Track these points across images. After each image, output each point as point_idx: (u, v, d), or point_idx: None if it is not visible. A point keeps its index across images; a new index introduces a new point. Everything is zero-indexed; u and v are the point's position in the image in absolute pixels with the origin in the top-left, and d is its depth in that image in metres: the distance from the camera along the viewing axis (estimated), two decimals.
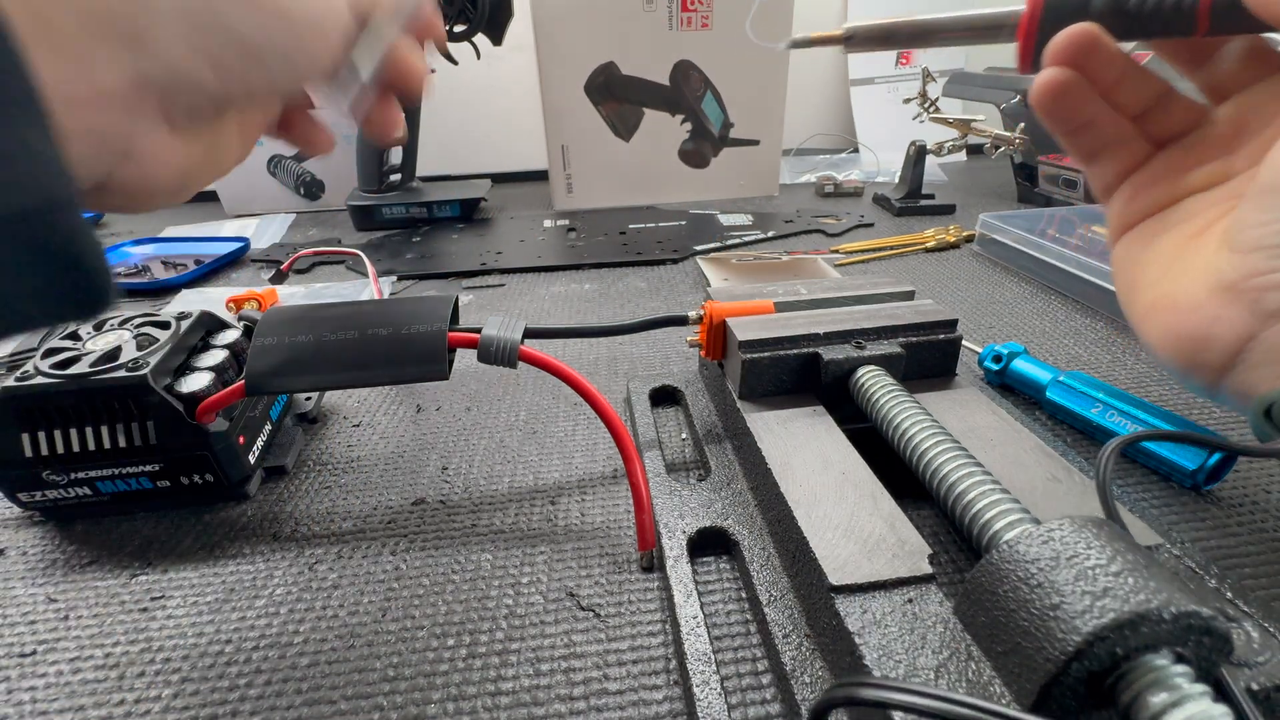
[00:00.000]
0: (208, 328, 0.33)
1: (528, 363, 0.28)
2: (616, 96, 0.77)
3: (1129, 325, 0.23)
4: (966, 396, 0.30)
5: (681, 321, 0.34)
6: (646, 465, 0.30)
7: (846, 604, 0.19)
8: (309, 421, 0.37)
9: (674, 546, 0.26)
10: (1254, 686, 0.16)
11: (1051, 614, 0.15)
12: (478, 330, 0.28)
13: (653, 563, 0.27)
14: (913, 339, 0.30)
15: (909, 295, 0.34)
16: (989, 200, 0.80)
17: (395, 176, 0.76)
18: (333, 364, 0.27)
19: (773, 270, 0.58)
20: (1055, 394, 0.34)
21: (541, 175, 0.85)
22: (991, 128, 0.74)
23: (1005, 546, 0.17)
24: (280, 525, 0.30)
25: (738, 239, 0.67)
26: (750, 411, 0.29)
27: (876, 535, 0.21)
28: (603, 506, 0.30)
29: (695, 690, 0.20)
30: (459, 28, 0.65)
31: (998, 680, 0.16)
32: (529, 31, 0.72)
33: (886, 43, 0.24)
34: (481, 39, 0.67)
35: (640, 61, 0.76)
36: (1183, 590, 0.15)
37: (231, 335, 0.32)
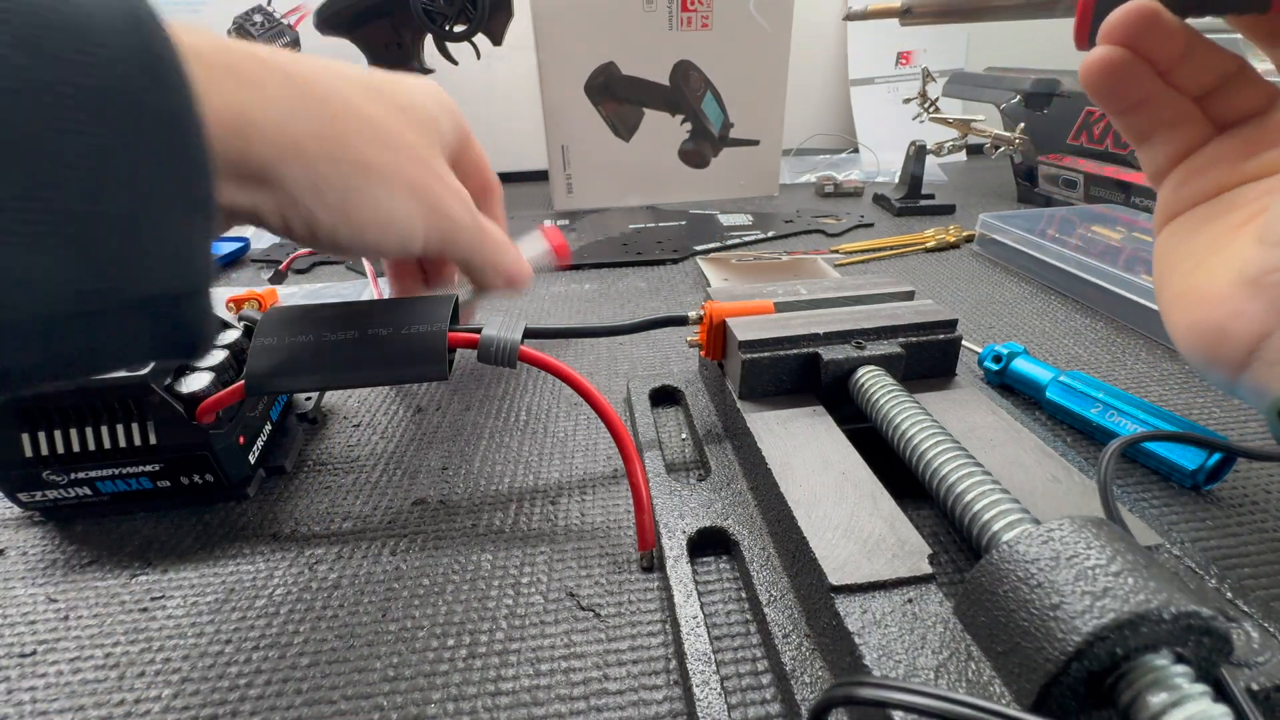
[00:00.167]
0: None
1: (528, 363, 0.28)
2: (616, 96, 0.77)
3: (1160, 314, 0.22)
4: (966, 396, 0.30)
5: (681, 321, 0.34)
6: (646, 465, 0.30)
7: (846, 604, 0.19)
8: (309, 421, 0.37)
9: (674, 546, 0.26)
10: (1254, 686, 0.16)
11: (1051, 614, 0.15)
12: (478, 330, 0.28)
13: (653, 563, 0.27)
14: (913, 339, 0.30)
15: (909, 295, 0.34)
16: (989, 200, 0.80)
17: None
18: (333, 364, 0.27)
19: (773, 270, 0.58)
20: (1055, 394, 0.34)
21: (541, 175, 0.85)
22: (991, 128, 0.74)
23: (1005, 546, 0.17)
24: (280, 525, 0.30)
25: (738, 239, 0.67)
26: (750, 411, 0.29)
27: (876, 535, 0.21)
28: (603, 506, 0.30)
29: (695, 690, 0.20)
30: (459, 28, 0.65)
31: (998, 680, 0.16)
32: (529, 31, 0.72)
33: (944, 15, 0.23)
34: (481, 39, 0.67)
35: (640, 61, 0.76)
36: (1183, 590, 0.15)
37: (231, 335, 0.32)
